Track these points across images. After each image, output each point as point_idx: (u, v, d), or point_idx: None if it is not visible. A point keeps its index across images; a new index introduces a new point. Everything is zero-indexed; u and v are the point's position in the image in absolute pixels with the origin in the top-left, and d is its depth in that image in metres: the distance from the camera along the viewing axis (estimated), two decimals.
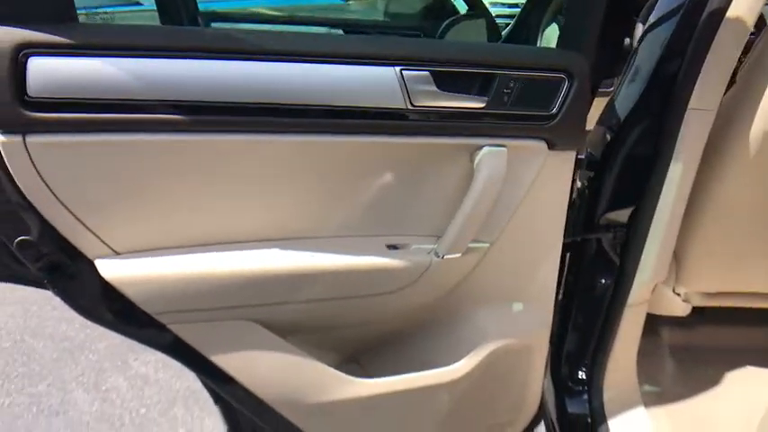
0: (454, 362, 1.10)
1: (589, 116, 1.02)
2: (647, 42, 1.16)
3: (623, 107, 1.16)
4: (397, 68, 0.84)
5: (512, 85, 0.89)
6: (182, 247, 0.88)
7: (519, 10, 3.01)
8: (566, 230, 1.09)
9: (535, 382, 1.25)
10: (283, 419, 1.02)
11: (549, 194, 1.02)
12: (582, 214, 1.22)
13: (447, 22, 2.66)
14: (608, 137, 1.17)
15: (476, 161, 0.93)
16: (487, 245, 1.03)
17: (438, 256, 0.98)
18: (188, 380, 2.22)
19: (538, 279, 1.12)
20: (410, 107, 0.85)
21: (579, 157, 1.08)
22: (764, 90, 1.08)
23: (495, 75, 0.88)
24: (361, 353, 1.21)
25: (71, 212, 0.79)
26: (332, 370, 1.03)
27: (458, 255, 0.99)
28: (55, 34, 0.71)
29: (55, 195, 0.77)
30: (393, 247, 0.99)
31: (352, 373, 1.05)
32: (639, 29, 1.26)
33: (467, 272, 1.05)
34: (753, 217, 1.26)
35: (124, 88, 0.74)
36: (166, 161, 0.81)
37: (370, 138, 0.88)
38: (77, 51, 0.72)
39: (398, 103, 0.85)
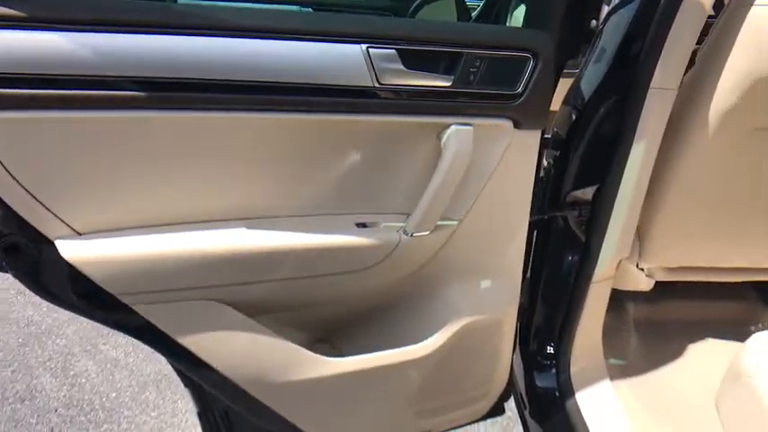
0: (424, 338, 1.12)
1: (555, 96, 1.03)
2: (611, 24, 1.17)
3: (588, 87, 1.17)
4: (364, 46, 0.83)
5: (478, 63, 0.89)
6: (146, 226, 0.87)
7: None
8: (532, 208, 1.10)
9: (504, 356, 1.27)
10: (255, 400, 1.02)
11: (516, 173, 1.04)
12: (548, 192, 1.24)
13: (417, 2, 2.65)
14: (573, 116, 1.18)
15: (443, 139, 0.93)
16: (456, 223, 1.04)
17: (407, 234, 0.99)
18: (159, 363, 2.20)
19: (505, 256, 1.14)
20: (377, 85, 0.85)
21: (546, 136, 1.09)
22: (722, 71, 1.10)
23: (461, 53, 0.88)
24: (331, 332, 1.22)
25: (28, 192, 0.77)
26: (303, 349, 1.03)
27: (426, 232, 1.00)
28: (1, 5, 0.68)
29: (10, 174, 0.74)
30: (362, 225, 0.99)
31: (324, 353, 1.06)
32: (605, 10, 1.27)
33: (436, 249, 1.06)
34: (712, 194, 1.29)
35: (77, 63, 0.71)
36: (125, 139, 0.79)
37: (336, 116, 0.87)
38: (26, 24, 0.69)
39: (365, 81, 0.84)
